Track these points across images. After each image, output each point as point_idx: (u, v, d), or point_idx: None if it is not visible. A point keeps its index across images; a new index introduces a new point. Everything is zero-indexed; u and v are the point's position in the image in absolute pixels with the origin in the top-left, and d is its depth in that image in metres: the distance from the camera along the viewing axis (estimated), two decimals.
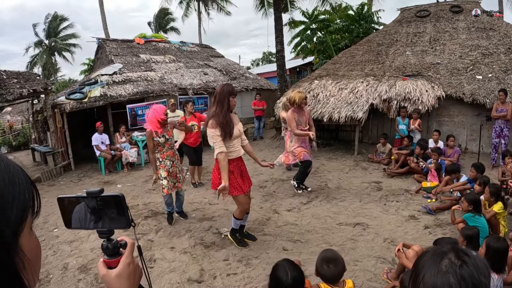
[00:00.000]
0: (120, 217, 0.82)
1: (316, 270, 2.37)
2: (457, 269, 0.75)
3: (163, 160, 4.83)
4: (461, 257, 0.78)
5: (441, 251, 0.81)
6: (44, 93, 8.81)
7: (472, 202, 3.85)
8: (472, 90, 8.52)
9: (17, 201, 0.55)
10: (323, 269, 2.31)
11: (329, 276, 2.30)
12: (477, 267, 0.76)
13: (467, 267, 0.75)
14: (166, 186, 4.81)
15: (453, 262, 0.77)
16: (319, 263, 2.34)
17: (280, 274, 2.12)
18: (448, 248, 0.81)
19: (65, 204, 0.82)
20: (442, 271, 0.76)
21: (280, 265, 2.18)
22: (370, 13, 15.82)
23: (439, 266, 0.77)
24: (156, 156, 4.83)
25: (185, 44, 15.89)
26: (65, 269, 3.98)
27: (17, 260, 0.54)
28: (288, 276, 2.08)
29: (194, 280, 3.57)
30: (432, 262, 0.79)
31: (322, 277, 2.34)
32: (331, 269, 2.28)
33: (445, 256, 0.79)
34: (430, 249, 0.84)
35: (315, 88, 10.18)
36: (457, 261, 0.77)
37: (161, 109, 4.74)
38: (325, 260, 2.32)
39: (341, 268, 2.30)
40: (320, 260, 2.35)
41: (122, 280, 0.82)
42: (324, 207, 5.50)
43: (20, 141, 15.75)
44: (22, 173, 0.59)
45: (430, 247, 0.86)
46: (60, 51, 33.36)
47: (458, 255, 0.78)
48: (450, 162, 6.56)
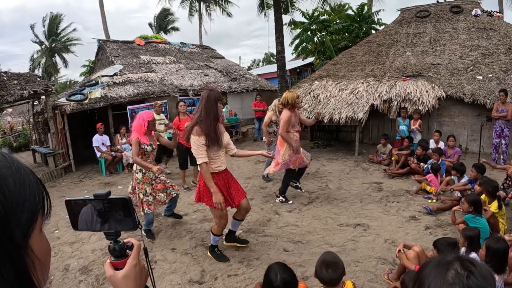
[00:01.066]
0: (127, 219, 0.83)
1: (315, 272, 2.38)
2: (464, 280, 0.72)
3: (146, 172, 4.38)
4: (467, 267, 0.75)
5: (445, 261, 0.78)
6: (44, 95, 8.82)
7: (473, 203, 3.85)
8: (472, 90, 8.52)
9: (28, 203, 0.56)
10: (322, 272, 2.31)
11: (327, 280, 2.31)
12: (484, 277, 0.73)
13: (475, 278, 0.72)
14: (152, 203, 4.40)
15: (460, 273, 0.74)
16: (319, 266, 2.35)
17: (270, 276, 2.18)
18: (452, 258, 0.78)
19: (72, 206, 0.83)
20: (448, 282, 0.73)
21: (271, 268, 2.25)
22: (370, 13, 15.83)
23: (445, 277, 0.74)
24: (138, 168, 4.41)
25: (186, 45, 15.91)
26: (66, 271, 3.98)
27: (28, 261, 0.55)
28: (278, 278, 2.14)
29: (195, 281, 3.57)
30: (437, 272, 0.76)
31: (321, 280, 2.35)
32: (330, 274, 2.30)
33: (451, 266, 0.76)
34: (433, 259, 0.82)
35: (315, 89, 10.19)
36: (463, 271, 0.74)
37: (149, 114, 4.49)
38: (324, 263, 2.33)
39: (339, 273, 2.31)
40: (320, 263, 2.36)
41: (129, 281, 0.83)
42: (325, 208, 5.50)
43: (21, 142, 15.76)
44: (33, 175, 0.60)
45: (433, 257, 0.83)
46: (60, 52, 33.41)
47: (464, 265, 0.75)
48: (450, 162, 6.56)
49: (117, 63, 12.10)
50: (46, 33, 32.02)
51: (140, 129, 4.33)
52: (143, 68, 12.29)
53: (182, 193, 6.64)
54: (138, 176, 4.38)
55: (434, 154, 6.54)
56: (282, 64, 14.91)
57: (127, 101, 10.07)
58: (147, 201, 4.36)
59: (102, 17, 23.02)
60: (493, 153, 7.46)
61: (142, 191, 4.36)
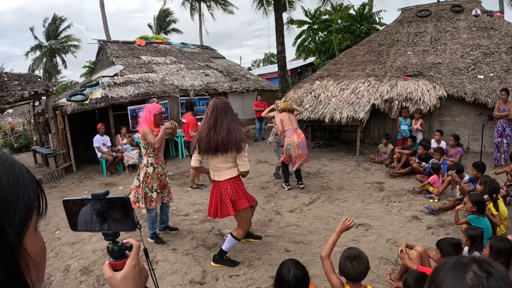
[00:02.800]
0: (126, 219, 0.82)
1: (340, 268, 2.35)
2: (484, 281, 0.70)
3: (157, 166, 4.28)
4: (485, 268, 0.73)
5: (462, 263, 0.76)
6: (45, 95, 8.82)
7: (477, 203, 3.81)
8: (473, 89, 8.49)
9: (22, 201, 0.54)
10: (347, 266, 2.28)
11: (353, 274, 2.27)
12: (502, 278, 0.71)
13: (494, 279, 0.71)
14: (155, 200, 4.27)
15: (479, 275, 0.72)
16: (343, 261, 2.32)
17: (283, 272, 2.17)
18: (468, 260, 0.76)
19: (70, 206, 0.81)
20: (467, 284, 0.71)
21: (284, 263, 2.24)
22: (371, 13, 15.82)
23: (464, 279, 0.72)
24: (149, 162, 4.25)
25: (186, 45, 15.91)
26: (67, 271, 3.97)
27: (21, 261, 0.53)
28: (290, 274, 2.13)
29: (196, 281, 3.56)
30: (454, 275, 0.74)
31: (346, 275, 2.31)
32: (355, 267, 2.26)
33: (468, 268, 0.74)
34: (448, 262, 0.79)
35: (316, 88, 10.18)
36: (482, 273, 0.72)
37: (156, 106, 4.38)
38: (349, 257, 2.30)
39: (365, 266, 2.28)
40: (344, 258, 2.34)
41: (128, 282, 0.82)
42: (326, 208, 5.48)
43: (22, 143, 15.77)
44: (27, 173, 0.58)
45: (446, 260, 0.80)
46: (60, 52, 33.45)
47: (482, 267, 0.73)
48: (452, 162, 6.54)
49: (117, 64, 12.10)
50: (46, 34, 32.08)
51: (148, 123, 4.21)
52: (143, 69, 12.29)
53: (183, 193, 6.65)
54: (149, 170, 4.24)
55: (436, 153, 6.52)
56: (283, 64, 14.92)
57: (127, 102, 10.08)
58: (150, 197, 4.25)
59: (103, 18, 23.05)
60: (495, 153, 7.43)
61: (149, 185, 4.24)
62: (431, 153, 6.92)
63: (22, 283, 0.53)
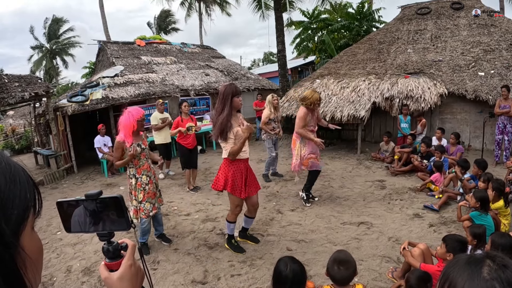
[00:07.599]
0: (120, 219, 0.81)
1: (327, 270, 2.35)
2: (501, 274, 0.71)
3: (139, 176, 4.05)
4: (500, 261, 0.74)
5: (475, 258, 0.77)
6: (46, 96, 8.83)
7: (480, 199, 3.80)
8: (474, 86, 8.47)
9: (18, 200, 0.54)
10: (334, 270, 2.29)
11: (338, 278, 2.28)
12: None
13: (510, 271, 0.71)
14: (147, 209, 4.09)
15: (495, 268, 0.73)
16: (331, 263, 2.33)
17: (280, 267, 2.20)
18: (482, 255, 0.77)
19: (65, 208, 0.80)
20: (485, 278, 0.71)
21: (281, 260, 2.27)
22: (370, 11, 15.77)
23: (481, 274, 0.72)
24: (131, 173, 4.07)
25: (186, 45, 15.90)
26: (69, 272, 3.97)
27: (18, 260, 0.53)
28: (288, 268, 2.15)
29: (198, 281, 3.55)
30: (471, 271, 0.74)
31: (332, 278, 2.32)
32: (341, 272, 2.27)
33: (483, 263, 0.74)
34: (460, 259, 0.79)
35: (317, 87, 10.16)
36: (497, 266, 0.73)
37: (140, 111, 4.06)
38: (336, 261, 2.31)
39: (351, 272, 2.28)
40: (332, 260, 2.34)
41: (124, 282, 0.81)
42: (328, 207, 5.47)
43: (23, 144, 15.79)
44: (23, 173, 0.58)
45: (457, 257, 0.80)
46: (60, 54, 33.47)
47: (496, 260, 0.74)
48: (453, 160, 6.52)
49: (118, 64, 12.10)
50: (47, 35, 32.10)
51: (129, 129, 3.93)
52: (144, 69, 12.29)
53: (184, 193, 6.64)
54: (132, 181, 4.09)
55: (436, 152, 6.51)
56: (283, 63, 14.89)
57: (128, 102, 10.07)
58: (144, 208, 4.08)
59: (103, 18, 23.01)
60: (496, 150, 7.41)
61: (135, 197, 4.08)
62: (432, 151, 6.91)
63: (20, 282, 0.53)
